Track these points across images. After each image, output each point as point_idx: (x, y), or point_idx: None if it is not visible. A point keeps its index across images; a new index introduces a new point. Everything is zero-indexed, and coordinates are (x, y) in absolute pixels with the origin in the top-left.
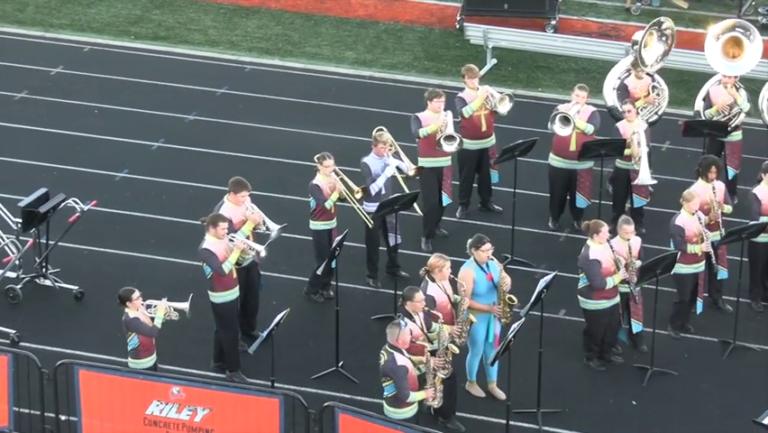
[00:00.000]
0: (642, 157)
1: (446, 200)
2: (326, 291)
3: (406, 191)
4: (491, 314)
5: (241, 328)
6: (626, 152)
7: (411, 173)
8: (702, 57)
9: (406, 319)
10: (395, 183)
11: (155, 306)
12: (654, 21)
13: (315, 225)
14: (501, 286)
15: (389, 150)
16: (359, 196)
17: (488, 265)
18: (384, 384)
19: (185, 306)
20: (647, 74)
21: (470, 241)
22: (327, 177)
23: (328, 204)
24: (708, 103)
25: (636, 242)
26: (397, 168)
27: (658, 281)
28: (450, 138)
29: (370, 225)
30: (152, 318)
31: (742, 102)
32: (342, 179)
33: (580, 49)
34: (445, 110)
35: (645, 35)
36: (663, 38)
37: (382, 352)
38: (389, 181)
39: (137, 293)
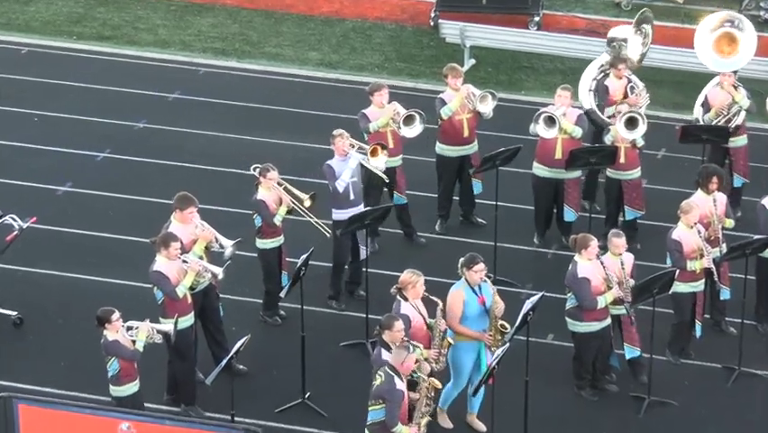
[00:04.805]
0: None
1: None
2: (278, 312)
3: (381, 177)
4: (482, 342)
5: (215, 359)
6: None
7: (373, 160)
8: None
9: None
10: (372, 176)
11: (137, 328)
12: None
13: (263, 243)
14: (493, 311)
15: (351, 147)
16: (308, 204)
17: (480, 287)
18: (371, 408)
19: (169, 328)
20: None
21: (461, 260)
22: (270, 190)
23: (277, 219)
24: (706, 107)
25: (629, 258)
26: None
27: (655, 302)
28: (409, 119)
29: (328, 235)
30: (134, 342)
31: (741, 99)
32: (285, 189)
33: (566, 48)
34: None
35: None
36: (643, 28)
37: (379, 373)
38: (358, 183)
39: (117, 314)
